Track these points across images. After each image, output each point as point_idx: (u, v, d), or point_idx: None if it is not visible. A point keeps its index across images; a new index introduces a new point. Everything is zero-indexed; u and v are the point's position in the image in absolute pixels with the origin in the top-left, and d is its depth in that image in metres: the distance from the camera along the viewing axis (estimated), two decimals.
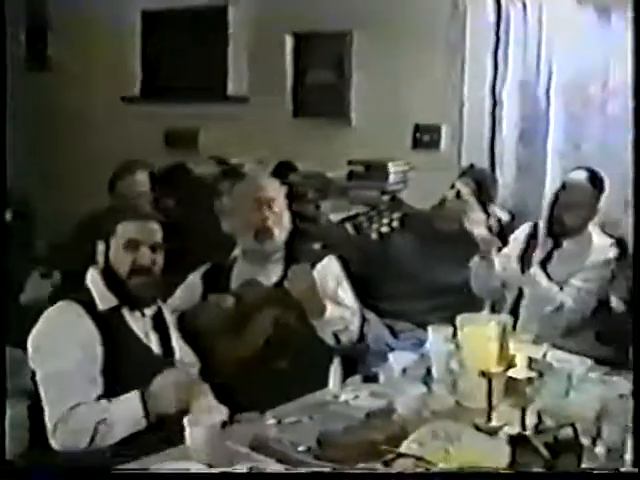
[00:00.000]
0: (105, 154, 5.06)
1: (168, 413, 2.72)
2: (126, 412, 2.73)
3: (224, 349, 3.32)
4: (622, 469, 2.33)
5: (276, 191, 3.77)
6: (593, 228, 4.11)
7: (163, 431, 2.68)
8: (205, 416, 2.58)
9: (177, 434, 2.49)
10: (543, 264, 4.07)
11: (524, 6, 4.77)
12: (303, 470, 2.34)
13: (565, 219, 4.08)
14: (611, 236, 4.12)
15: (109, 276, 2.96)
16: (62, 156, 6.22)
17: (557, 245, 4.10)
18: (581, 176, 4.11)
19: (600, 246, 4.05)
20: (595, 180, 4.10)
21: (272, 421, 2.73)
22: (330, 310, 3.53)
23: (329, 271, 3.70)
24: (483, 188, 4.39)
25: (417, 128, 5.07)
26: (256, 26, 5.61)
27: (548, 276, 4.03)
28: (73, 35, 6.27)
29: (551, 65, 4.73)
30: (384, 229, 4.76)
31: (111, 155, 4.90)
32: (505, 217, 4.54)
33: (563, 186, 4.15)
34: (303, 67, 5.50)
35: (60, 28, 6.41)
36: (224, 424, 2.64)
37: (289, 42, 5.50)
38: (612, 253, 4.03)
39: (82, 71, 6.22)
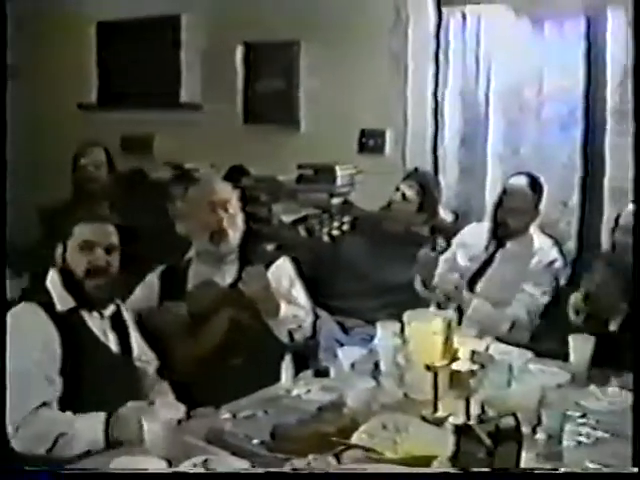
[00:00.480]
0: (62, 161, 5.12)
1: (129, 440, 2.65)
2: (87, 431, 2.71)
3: (182, 348, 3.40)
4: (560, 467, 2.42)
5: (229, 194, 3.82)
6: (534, 229, 4.27)
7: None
8: (163, 413, 2.62)
9: None
10: (472, 281, 4.22)
11: (463, 16, 4.86)
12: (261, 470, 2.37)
13: (509, 222, 4.22)
14: (550, 236, 4.28)
15: (67, 277, 3.00)
16: (20, 161, 6.23)
17: (501, 245, 4.26)
18: (522, 181, 4.27)
19: (542, 247, 4.21)
20: (535, 185, 4.26)
21: (227, 415, 2.78)
22: (284, 309, 3.60)
23: (282, 272, 3.77)
24: (427, 190, 4.53)
25: (363, 133, 5.16)
26: (208, 36, 5.70)
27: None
28: (31, 44, 6.31)
29: (489, 72, 4.83)
30: (335, 232, 4.86)
31: (69, 162, 5.00)
32: (449, 217, 4.69)
33: (504, 191, 4.30)
34: (253, 75, 5.58)
35: (18, 38, 6.43)
36: (181, 419, 2.71)
37: (240, 51, 5.58)
38: (554, 253, 4.20)
39: (40, 79, 6.25)
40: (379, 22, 5.02)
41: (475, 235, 4.37)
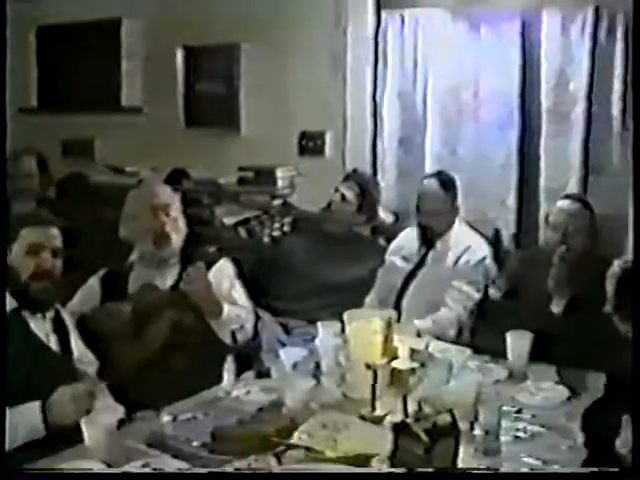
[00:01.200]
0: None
1: (67, 424, 2.68)
2: (26, 420, 2.71)
3: (123, 351, 3.37)
4: (498, 462, 2.47)
5: (171, 197, 3.85)
6: (461, 227, 4.30)
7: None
8: (103, 415, 2.62)
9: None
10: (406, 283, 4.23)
11: (402, 20, 4.91)
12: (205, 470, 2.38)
13: (432, 224, 4.26)
14: (480, 233, 4.31)
15: (10, 280, 2.99)
16: None
17: (431, 247, 4.28)
18: (432, 184, 4.30)
19: (471, 244, 4.22)
20: (446, 184, 4.29)
21: (168, 418, 2.77)
22: (227, 310, 3.63)
23: (223, 273, 3.79)
24: (366, 191, 4.56)
25: (303, 135, 5.20)
26: (148, 39, 5.71)
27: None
28: None
29: (427, 74, 4.87)
30: (276, 233, 4.87)
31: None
32: (389, 218, 4.72)
33: (419, 196, 4.33)
34: (194, 78, 5.60)
35: None
36: (121, 422, 2.69)
37: (180, 54, 5.59)
38: (484, 249, 4.24)
39: None
40: (319, 25, 5.06)
41: (409, 240, 4.40)
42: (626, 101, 4.49)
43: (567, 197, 4.12)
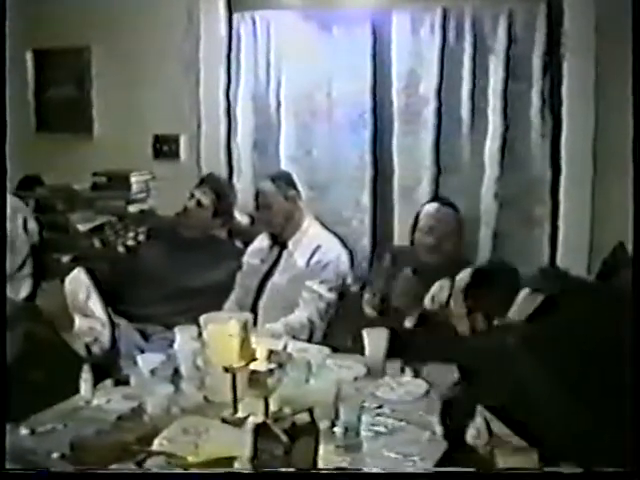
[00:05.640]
0: None
1: None
2: None
3: None
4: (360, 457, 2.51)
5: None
6: (311, 226, 4.34)
7: None
8: None
9: None
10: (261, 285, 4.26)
11: (253, 21, 4.91)
12: None
13: (272, 222, 4.31)
14: (332, 232, 4.36)
15: None
16: None
17: (284, 247, 4.30)
18: (265, 184, 4.35)
19: (321, 244, 4.25)
20: (275, 180, 4.35)
21: (26, 431, 2.72)
22: (79, 323, 3.60)
23: (78, 284, 3.75)
24: (222, 195, 4.55)
25: (157, 139, 5.16)
26: None
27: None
28: None
29: (280, 76, 4.88)
30: (130, 242, 4.80)
31: None
32: (245, 221, 4.73)
33: (256, 195, 4.40)
34: (45, 82, 5.48)
35: None
36: None
37: (29, 58, 5.46)
38: (338, 249, 4.28)
39: None
40: (171, 26, 5.01)
41: (263, 240, 4.42)
42: (474, 101, 4.62)
43: (434, 200, 4.22)
